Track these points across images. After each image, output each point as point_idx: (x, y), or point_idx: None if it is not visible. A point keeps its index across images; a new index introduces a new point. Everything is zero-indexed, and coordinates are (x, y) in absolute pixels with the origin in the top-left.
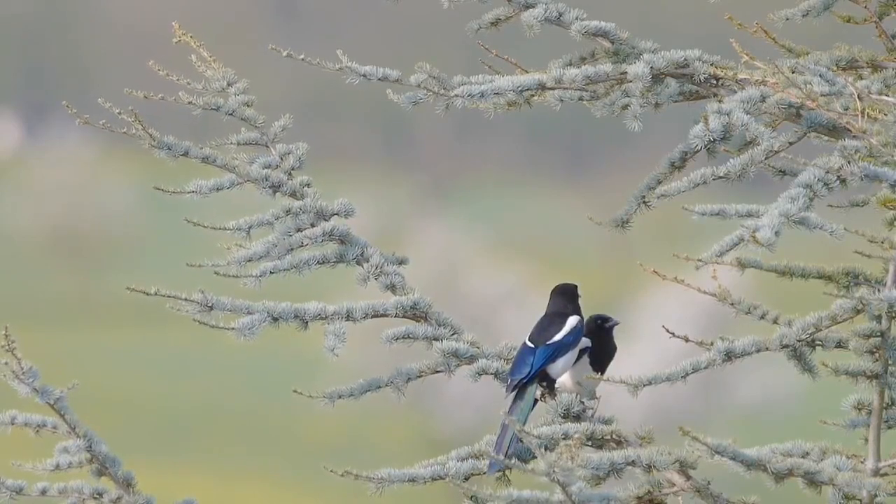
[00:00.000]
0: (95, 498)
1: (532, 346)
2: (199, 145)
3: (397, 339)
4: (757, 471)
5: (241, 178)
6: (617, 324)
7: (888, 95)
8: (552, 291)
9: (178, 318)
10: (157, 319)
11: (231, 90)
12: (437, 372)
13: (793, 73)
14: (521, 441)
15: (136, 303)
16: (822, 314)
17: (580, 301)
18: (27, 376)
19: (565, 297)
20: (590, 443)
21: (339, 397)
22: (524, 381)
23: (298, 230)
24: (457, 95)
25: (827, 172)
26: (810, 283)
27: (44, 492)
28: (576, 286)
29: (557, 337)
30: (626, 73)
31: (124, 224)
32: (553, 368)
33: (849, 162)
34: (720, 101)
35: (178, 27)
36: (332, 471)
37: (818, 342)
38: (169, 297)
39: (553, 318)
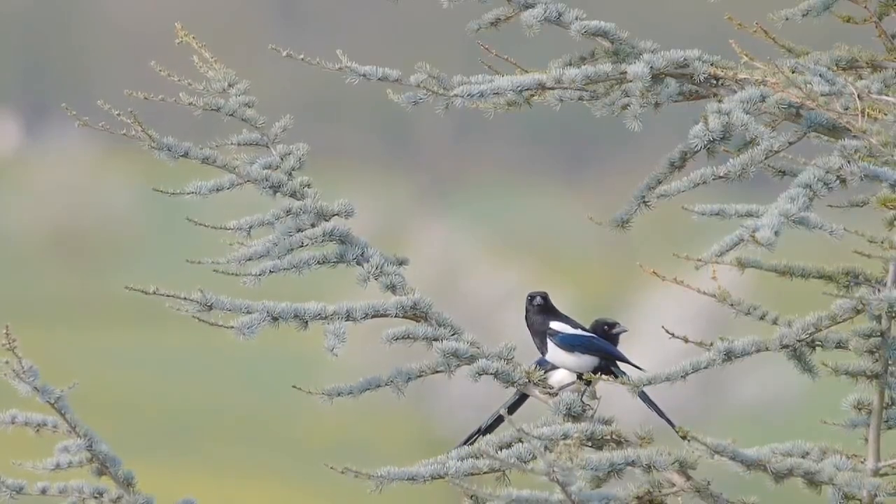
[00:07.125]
0: (96, 497)
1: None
2: (199, 146)
3: (397, 338)
4: (757, 471)
5: (242, 179)
6: (625, 331)
7: (888, 95)
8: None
9: (178, 318)
10: (157, 319)
11: (232, 91)
12: (437, 372)
13: (793, 73)
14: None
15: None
16: (822, 314)
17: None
18: (27, 375)
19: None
20: (590, 443)
21: (339, 395)
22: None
23: (299, 230)
24: (457, 95)
25: (827, 172)
26: (810, 283)
27: (44, 491)
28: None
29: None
30: (625, 72)
31: (124, 224)
32: (575, 360)
33: (849, 162)
34: (720, 101)
35: (181, 28)
36: (331, 468)
37: (818, 342)
38: (168, 296)
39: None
